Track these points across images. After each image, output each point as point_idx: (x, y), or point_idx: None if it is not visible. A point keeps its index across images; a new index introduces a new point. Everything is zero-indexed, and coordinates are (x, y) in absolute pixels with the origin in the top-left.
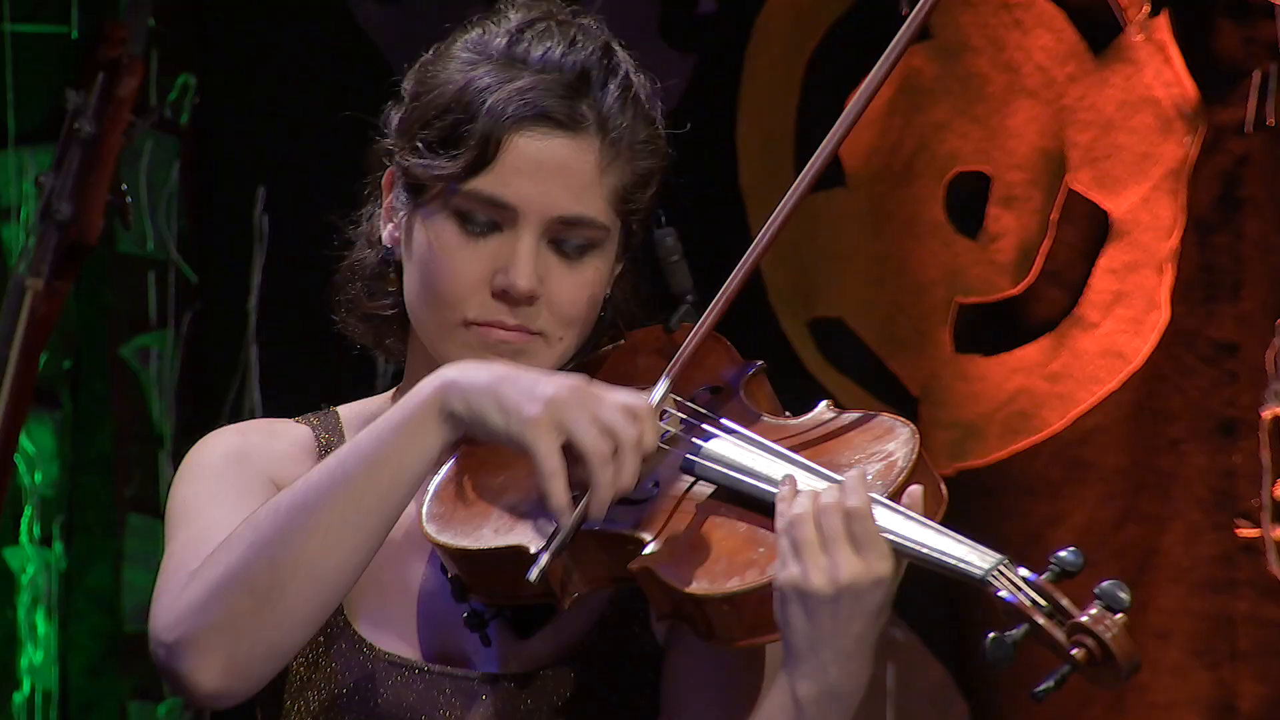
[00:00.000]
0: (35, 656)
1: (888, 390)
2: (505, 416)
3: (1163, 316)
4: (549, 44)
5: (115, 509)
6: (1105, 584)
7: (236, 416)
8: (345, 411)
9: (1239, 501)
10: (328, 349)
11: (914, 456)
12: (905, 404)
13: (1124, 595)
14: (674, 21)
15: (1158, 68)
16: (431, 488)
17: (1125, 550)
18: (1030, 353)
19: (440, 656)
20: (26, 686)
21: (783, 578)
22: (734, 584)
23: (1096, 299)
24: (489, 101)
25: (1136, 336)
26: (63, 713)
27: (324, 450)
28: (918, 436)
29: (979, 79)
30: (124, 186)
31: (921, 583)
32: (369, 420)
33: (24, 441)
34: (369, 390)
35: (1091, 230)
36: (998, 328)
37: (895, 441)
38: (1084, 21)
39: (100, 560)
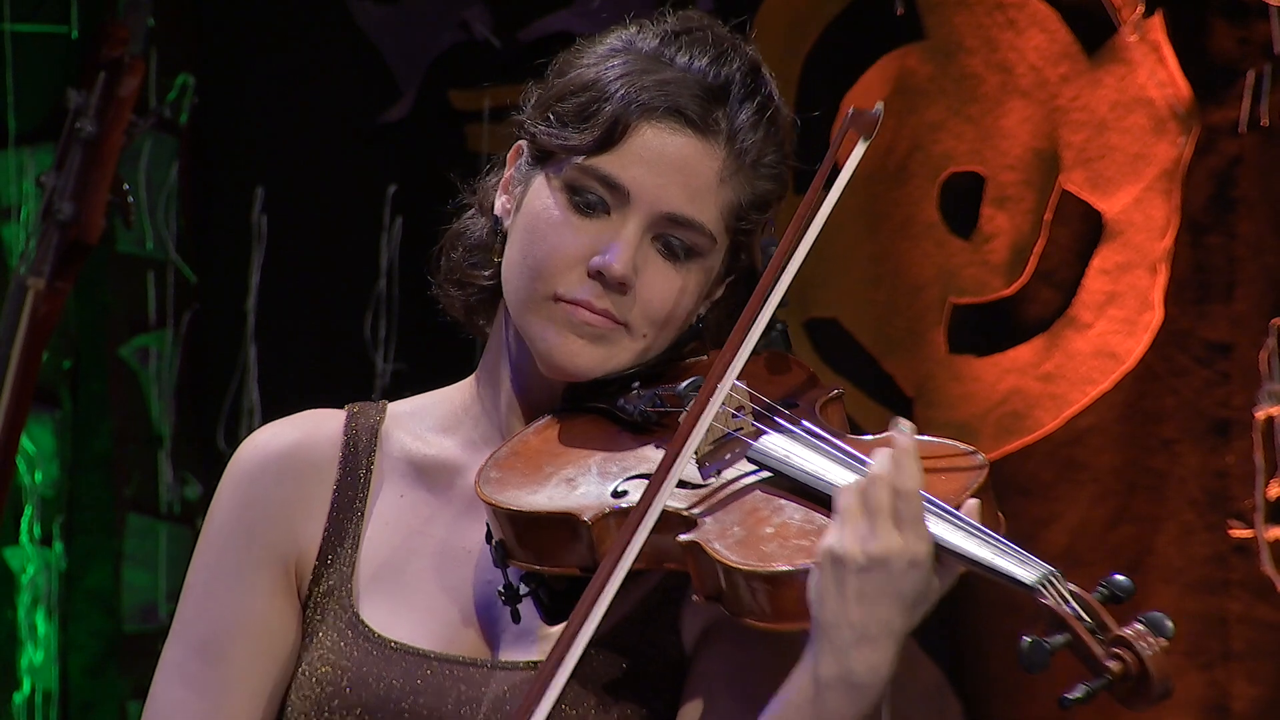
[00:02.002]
0: (35, 656)
1: (883, 391)
2: None
3: (1156, 317)
4: (698, 51)
5: (115, 509)
6: (1152, 613)
7: (235, 416)
8: (398, 406)
9: (1232, 502)
10: (327, 349)
11: (984, 476)
12: (900, 404)
13: (1169, 625)
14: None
15: (1151, 68)
16: (493, 457)
17: (1118, 550)
18: (1024, 353)
19: (453, 645)
20: (26, 686)
21: (822, 545)
22: (780, 565)
23: (1090, 299)
24: (627, 86)
25: (1130, 337)
26: (63, 712)
27: (349, 448)
28: (988, 466)
29: (973, 79)
30: (125, 186)
31: None
32: (419, 412)
33: (24, 441)
34: (366, 389)
35: (1085, 231)
36: (991, 328)
37: (964, 461)
38: (1078, 22)
39: (100, 560)
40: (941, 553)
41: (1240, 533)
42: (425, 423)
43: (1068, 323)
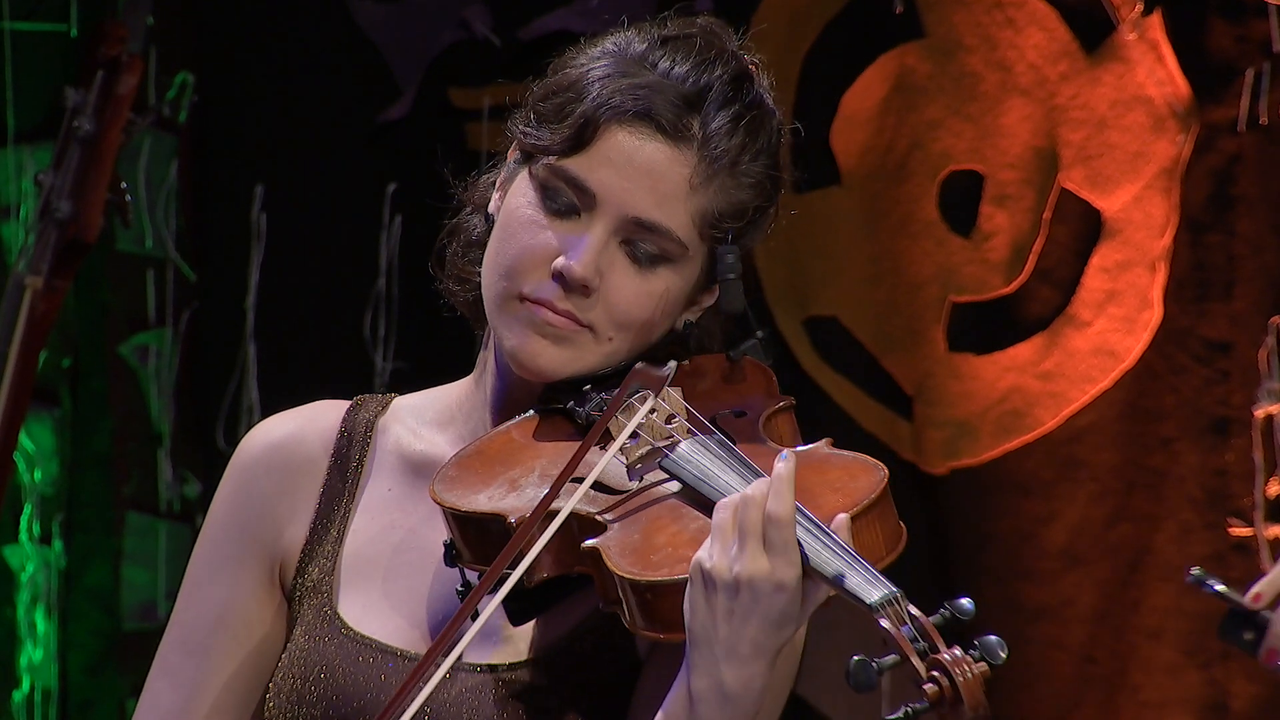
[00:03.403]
0: (35, 654)
1: (882, 389)
2: None
3: (1155, 315)
4: (681, 57)
5: (114, 507)
6: (990, 637)
7: (234, 415)
8: (402, 400)
9: (1231, 500)
10: (326, 347)
11: (874, 494)
12: (899, 402)
13: (1001, 653)
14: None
15: (1150, 66)
16: (457, 455)
17: (1117, 549)
18: (1023, 351)
19: (420, 642)
20: (26, 684)
21: (694, 558)
22: (661, 573)
23: (1089, 298)
24: (600, 89)
25: (1129, 335)
26: (62, 711)
27: (341, 444)
28: (886, 480)
29: (972, 78)
30: (124, 184)
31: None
32: (422, 406)
33: (23, 439)
34: (366, 388)
35: (1084, 229)
36: (991, 326)
37: (864, 479)
38: (1077, 20)
39: (99, 558)
40: (806, 571)
41: (1239, 531)
42: (422, 418)
43: (1067, 321)
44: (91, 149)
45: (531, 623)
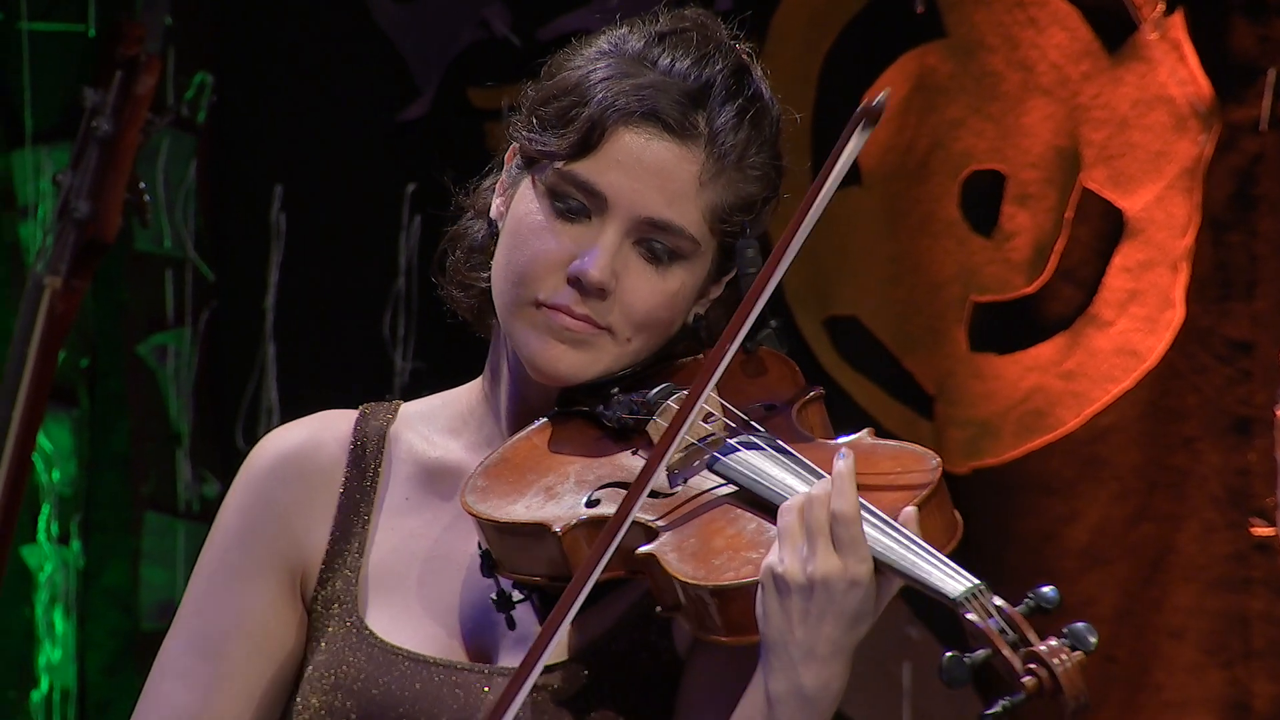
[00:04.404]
0: (53, 654)
1: (903, 388)
2: None
3: (1177, 315)
4: (681, 53)
5: (132, 507)
6: (1078, 625)
7: (253, 415)
8: (410, 407)
9: (1253, 500)
10: (345, 347)
11: (931, 485)
12: (921, 402)
13: (1091, 639)
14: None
15: (1172, 66)
16: (482, 464)
17: (1139, 548)
18: (1045, 351)
19: (453, 651)
20: (45, 684)
21: (764, 563)
22: (728, 577)
23: (1111, 297)
24: (605, 91)
25: (1151, 335)
26: (80, 710)
27: (357, 448)
28: (941, 468)
29: (993, 77)
30: (142, 184)
31: None
32: (430, 413)
33: (42, 439)
34: (385, 388)
35: (1106, 228)
36: (1013, 326)
37: (918, 469)
38: (1099, 20)
39: (117, 558)
40: (879, 567)
41: (1262, 531)
42: (434, 425)
43: (1089, 321)
44: (110, 149)
45: (567, 624)
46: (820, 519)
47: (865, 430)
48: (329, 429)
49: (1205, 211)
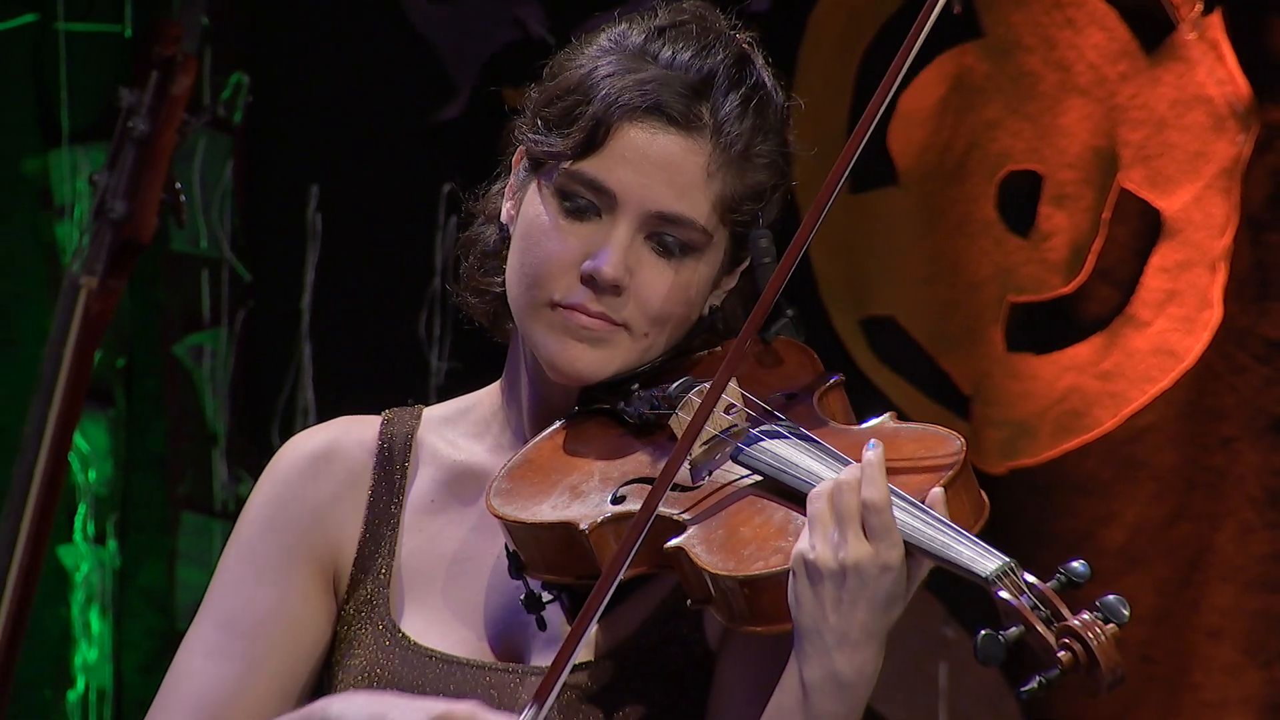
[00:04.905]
0: (89, 654)
1: (940, 389)
2: None
3: (1215, 315)
4: (681, 45)
5: (169, 507)
6: (1109, 597)
7: (289, 415)
8: (431, 409)
9: None
10: (381, 347)
11: (956, 466)
12: (957, 402)
13: (1124, 610)
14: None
15: (1210, 66)
16: (505, 466)
17: (1177, 548)
18: (1082, 351)
19: (485, 651)
20: (81, 684)
21: (795, 550)
22: (757, 567)
23: (1149, 297)
24: (608, 88)
25: (1189, 335)
26: (116, 710)
27: (384, 453)
28: (965, 449)
29: (1031, 77)
30: (178, 184)
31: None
32: (453, 417)
33: (78, 440)
34: (421, 388)
35: (1143, 229)
36: (1050, 326)
37: (943, 451)
38: (1136, 20)
39: (154, 558)
40: (909, 549)
41: None
42: (457, 429)
43: (1126, 321)
44: (146, 149)
45: (597, 620)
46: (851, 505)
47: (888, 414)
48: (353, 433)
49: (1243, 211)
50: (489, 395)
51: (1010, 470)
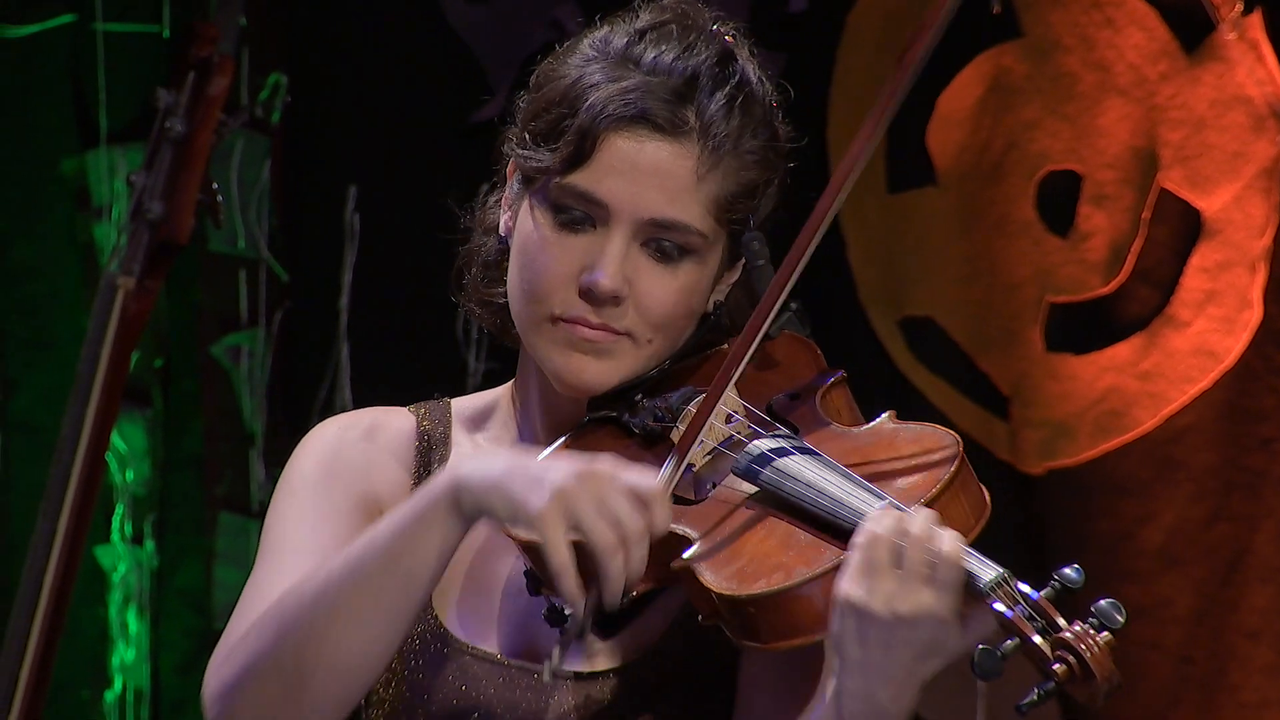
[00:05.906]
0: (127, 655)
1: (978, 389)
2: (513, 511)
3: (1255, 315)
4: (664, 48)
5: (206, 507)
6: (1102, 602)
7: (327, 415)
8: (458, 404)
9: None
10: (419, 347)
11: (952, 468)
12: (996, 403)
13: (1119, 616)
14: (765, 20)
15: (1250, 66)
16: None
17: (1216, 549)
18: (1121, 351)
19: (523, 653)
20: (118, 685)
21: (844, 591)
22: (759, 586)
23: (1188, 298)
24: (592, 99)
25: (1228, 335)
26: (154, 711)
27: (423, 443)
28: (960, 448)
29: (1070, 78)
30: (215, 185)
31: None
32: (477, 416)
33: (115, 440)
34: (458, 388)
35: (1183, 229)
36: (1089, 326)
37: (939, 452)
38: (1176, 20)
39: (191, 558)
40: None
41: None
42: (484, 431)
43: (1166, 321)
44: (183, 150)
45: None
46: (916, 559)
47: (887, 414)
48: (391, 417)
49: None
50: (505, 396)
51: (1049, 471)
